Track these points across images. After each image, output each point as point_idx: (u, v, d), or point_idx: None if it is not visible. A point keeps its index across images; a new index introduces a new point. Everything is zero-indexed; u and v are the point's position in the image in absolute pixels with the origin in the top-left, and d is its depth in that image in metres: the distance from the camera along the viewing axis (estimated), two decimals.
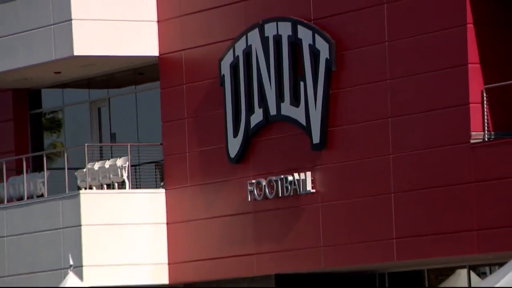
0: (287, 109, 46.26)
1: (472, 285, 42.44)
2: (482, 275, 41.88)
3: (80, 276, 44.68)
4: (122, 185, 50.77)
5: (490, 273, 39.19)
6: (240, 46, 47.60)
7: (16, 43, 50.90)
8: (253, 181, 47.11)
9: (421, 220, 42.42)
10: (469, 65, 41.10)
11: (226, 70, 48.08)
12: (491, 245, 38.99)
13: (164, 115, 50.96)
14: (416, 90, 42.69)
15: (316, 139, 45.21)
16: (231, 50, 47.84)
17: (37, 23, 50.14)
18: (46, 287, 48.18)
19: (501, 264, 32.96)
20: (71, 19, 48.98)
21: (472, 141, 41.07)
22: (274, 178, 46.50)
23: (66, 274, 43.64)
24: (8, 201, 52.78)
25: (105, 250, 49.35)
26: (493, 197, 39.99)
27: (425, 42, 42.48)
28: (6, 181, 53.39)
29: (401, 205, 42.98)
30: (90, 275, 47.64)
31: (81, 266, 46.95)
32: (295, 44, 46.03)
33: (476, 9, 41.36)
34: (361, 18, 44.13)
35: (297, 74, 45.93)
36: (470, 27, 41.32)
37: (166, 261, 50.17)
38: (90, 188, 50.49)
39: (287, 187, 46.04)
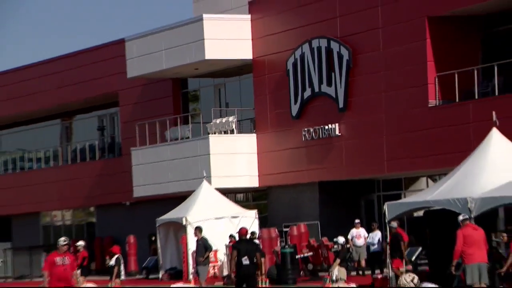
0: (324, 88, 48.34)
1: (428, 186, 43.30)
2: (434, 181, 42.33)
3: (209, 182, 47.26)
4: (232, 132, 52.32)
5: (439, 178, 38.89)
6: (298, 52, 49.41)
7: (174, 53, 52.12)
8: (305, 129, 49.07)
9: (401, 149, 44.69)
10: (428, 62, 43.36)
11: (290, 66, 49.94)
12: (440, 163, 40.92)
13: (256, 93, 52.30)
14: (398, 78, 44.78)
15: (341, 105, 47.48)
16: (293, 55, 49.62)
17: (183, 41, 51.70)
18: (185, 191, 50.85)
19: (445, 174, 36.75)
20: (203, 39, 50.53)
21: (429, 105, 43.62)
22: (317, 127, 48.51)
23: (201, 181, 46.59)
24: (170, 141, 54.44)
25: (223, 167, 50.68)
26: (441, 135, 42.11)
27: (404, 50, 44.48)
28: (169, 130, 54.94)
29: (390, 141, 45.15)
30: (215, 178, 49.31)
31: (210, 176, 48.39)
32: (328, 51, 48.00)
33: (432, 27, 43.27)
34: (365, 36, 46.27)
35: (330, 68, 47.92)
36: (428, 40, 43.28)
37: (257, 173, 51.88)
38: (214, 133, 52.50)
39: (324, 132, 48.19)
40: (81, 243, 27.57)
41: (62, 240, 25.76)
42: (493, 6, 42.17)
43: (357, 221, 41.63)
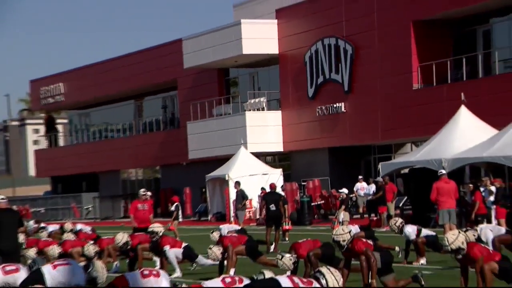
0: (333, 75, 47.70)
1: (412, 150, 42.44)
2: (417, 146, 41.48)
3: (246, 147, 47.00)
4: (263, 109, 51.84)
5: (420, 144, 38.51)
6: (313, 48, 48.75)
7: (219, 49, 51.81)
8: (318, 107, 48.49)
9: (392, 122, 44.22)
10: (412, 55, 43.05)
11: (307, 59, 49.23)
12: (421, 133, 40.50)
13: (281, 79, 51.70)
14: (390, 68, 44.15)
15: (346, 88, 46.90)
16: (309, 50, 48.95)
17: (226, 40, 51.38)
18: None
19: (425, 140, 36.76)
20: (241, 38, 50.16)
21: (413, 88, 43.37)
22: (327, 105, 48.00)
23: (240, 147, 46.35)
24: (216, 116, 53.94)
25: (256, 136, 50.21)
26: (422, 111, 41.61)
27: (394, 46, 43.98)
28: (215, 108, 54.89)
29: (383, 116, 44.68)
30: (250, 144, 48.94)
31: (246, 143, 48.13)
32: (336, 47, 47.40)
33: (415, 29, 42.92)
34: (364, 36, 45.58)
35: (338, 60, 47.21)
36: (412, 39, 43.06)
37: (282, 141, 51.19)
38: (249, 110, 51.95)
39: (333, 110, 47.68)
40: (148, 193, 27.79)
41: (142, 191, 26.99)
42: (461, 12, 41.97)
43: (360, 177, 41.32)
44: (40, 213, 64.17)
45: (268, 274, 10.39)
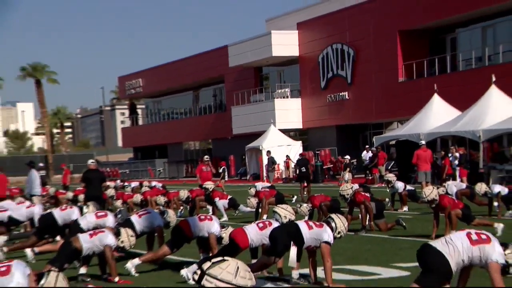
0: (339, 71, 46.99)
1: (398, 127, 41.70)
2: (402, 123, 40.21)
3: (275, 125, 46.60)
4: (287, 97, 51.16)
5: (403, 122, 37.92)
6: (324, 52, 48.19)
7: (255, 52, 51.41)
8: (329, 95, 47.85)
9: (383, 106, 43.68)
10: (398, 56, 42.54)
11: (320, 60, 48.61)
12: (405, 114, 39.57)
13: (301, 75, 50.99)
14: (381, 66, 43.52)
15: (349, 81, 46.35)
16: (322, 53, 48.34)
17: (260, 45, 50.80)
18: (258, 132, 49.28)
19: (407, 120, 36.27)
20: (271, 44, 49.81)
21: (399, 81, 42.85)
22: (335, 94, 47.43)
23: (270, 125, 46.17)
24: (253, 102, 53.60)
25: (282, 117, 49.51)
26: (405, 98, 40.98)
27: (385, 49, 43.33)
28: (252, 96, 54.70)
29: (376, 102, 43.94)
30: (278, 123, 48.07)
31: (275, 122, 47.42)
32: (342, 50, 46.76)
33: (401, 36, 42.37)
34: (363, 42, 44.89)
35: (343, 60, 46.62)
36: (398, 44, 42.51)
37: (301, 120, 50.69)
38: (277, 98, 51.19)
39: (339, 97, 46.99)
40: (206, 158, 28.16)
41: (206, 157, 27.73)
42: (435, 24, 41.47)
43: (367, 146, 40.64)
44: (125, 174, 64.70)
45: (283, 212, 10.45)
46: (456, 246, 7.26)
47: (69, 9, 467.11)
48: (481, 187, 17.46)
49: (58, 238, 13.87)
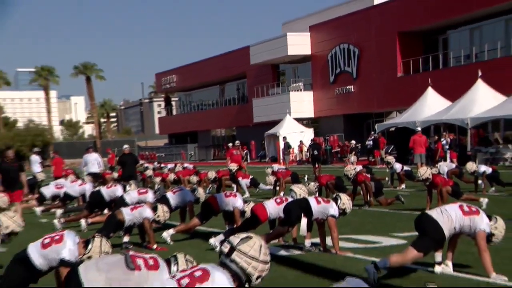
0: (346, 68, 46.64)
1: (397, 116, 40.94)
2: (400, 113, 39.25)
3: (290, 115, 46.23)
4: (301, 90, 50.87)
5: (402, 112, 37.24)
6: (333, 51, 47.77)
7: (273, 51, 51.02)
8: (337, 88, 47.45)
9: (384, 97, 43.20)
10: (397, 55, 41.94)
11: (329, 58, 48.24)
12: (402, 104, 38.82)
13: (313, 71, 50.54)
14: (382, 63, 43.13)
15: (354, 76, 45.96)
16: (331, 52, 47.93)
17: (278, 46, 50.46)
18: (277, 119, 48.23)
19: (405, 109, 35.98)
20: (287, 45, 49.57)
21: (398, 76, 42.34)
22: (342, 87, 46.99)
23: (286, 115, 45.72)
24: (271, 95, 53.17)
25: (296, 108, 49.28)
26: (403, 91, 40.57)
27: (385, 49, 42.94)
28: (270, 89, 54.60)
29: (378, 94, 43.60)
30: (293, 113, 47.71)
31: (290, 112, 46.94)
32: (348, 49, 46.42)
33: (400, 37, 41.90)
34: (366, 43, 44.37)
35: (349, 58, 46.35)
36: (397, 44, 42.07)
37: (313, 110, 50.31)
38: (292, 91, 51.00)
39: (345, 90, 46.65)
40: (230, 144, 28.07)
41: (237, 142, 28.28)
42: (429, 27, 40.93)
43: (372, 132, 40.34)
44: (161, 156, 64.71)
45: (299, 191, 10.36)
46: (450, 216, 7.26)
47: (115, 15, 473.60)
48: (472, 166, 17.35)
49: (105, 211, 14.06)
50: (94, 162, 21.39)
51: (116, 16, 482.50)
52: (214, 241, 10.12)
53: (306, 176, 24.92)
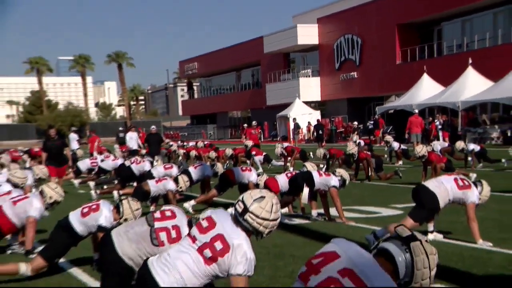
0: (350, 56, 46.34)
1: (395, 99, 40.46)
2: (398, 97, 38.71)
3: (299, 98, 45.65)
4: (309, 76, 50.62)
5: (399, 96, 36.96)
6: (338, 40, 47.40)
7: (284, 41, 50.81)
8: (342, 75, 47.09)
9: (384, 83, 43.02)
10: (396, 44, 41.63)
11: (335, 47, 47.88)
12: (400, 89, 38.77)
13: (320, 59, 50.20)
14: (383, 52, 42.70)
15: (357, 64, 45.63)
16: (336, 42, 47.59)
17: (288, 36, 50.20)
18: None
19: (402, 93, 35.87)
20: (297, 35, 49.44)
21: (397, 63, 41.94)
22: (346, 74, 46.71)
23: (295, 98, 45.34)
24: (282, 80, 52.86)
25: (305, 92, 48.80)
26: (401, 77, 40.18)
27: (385, 39, 42.50)
28: (281, 75, 54.40)
29: (379, 79, 43.25)
30: (302, 96, 47.09)
31: (299, 95, 46.19)
32: (352, 39, 46.07)
33: (399, 29, 41.52)
34: (368, 33, 43.98)
35: (353, 47, 46.00)
36: (396, 35, 41.69)
37: (320, 94, 50.02)
38: (302, 77, 50.96)
39: (349, 76, 46.33)
40: (246, 125, 27.99)
41: (254, 123, 28.04)
42: (425, 19, 40.52)
43: (372, 117, 40.24)
44: (184, 135, 64.76)
45: (309, 167, 10.33)
46: (446, 189, 7.20)
47: (145, 9, 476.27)
48: (460, 144, 17.31)
49: (135, 184, 14.11)
50: (134, 140, 21.49)
51: (146, 9, 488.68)
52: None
53: (312, 153, 24.96)
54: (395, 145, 20.04)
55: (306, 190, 9.43)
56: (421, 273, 2.97)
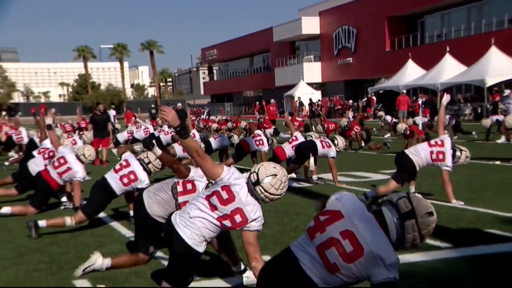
0: (346, 44, 45.62)
1: (385, 81, 40.10)
2: (387, 79, 37.90)
3: (303, 80, 45.17)
4: (311, 61, 50.01)
5: (388, 78, 36.31)
6: (337, 31, 46.63)
7: (290, 31, 50.23)
8: (339, 60, 46.41)
9: (376, 67, 42.39)
10: (386, 33, 41.15)
11: (334, 36, 47.11)
12: (389, 72, 37.71)
13: (321, 47, 49.44)
14: (375, 40, 42.08)
15: (352, 51, 44.92)
16: (335, 32, 46.83)
17: (294, 27, 49.37)
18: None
19: (391, 76, 35.66)
20: (301, 27, 48.92)
21: (386, 51, 41.35)
22: (344, 59, 46.08)
23: (300, 80, 45.19)
24: (289, 65, 52.71)
25: (309, 74, 48.43)
26: (390, 62, 39.50)
27: (377, 30, 41.77)
28: (288, 60, 53.99)
29: (371, 65, 42.59)
30: (306, 78, 46.75)
31: (303, 78, 46.11)
32: (348, 30, 45.30)
33: (388, 21, 40.91)
34: (362, 25, 43.31)
35: (349, 37, 45.31)
36: (386, 26, 41.05)
37: (321, 76, 49.32)
38: (305, 62, 50.25)
39: (346, 61, 45.64)
40: (264, 102, 27.57)
41: (272, 100, 27.21)
42: (411, 13, 39.77)
43: (364, 96, 39.83)
44: (205, 112, 64.69)
45: (314, 137, 10.28)
46: (421, 157, 7.24)
47: (173, 3, 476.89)
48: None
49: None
50: None
51: (174, 4, 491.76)
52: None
53: (313, 127, 24.99)
54: (388, 118, 20.16)
55: (312, 159, 9.40)
56: (411, 237, 2.80)
